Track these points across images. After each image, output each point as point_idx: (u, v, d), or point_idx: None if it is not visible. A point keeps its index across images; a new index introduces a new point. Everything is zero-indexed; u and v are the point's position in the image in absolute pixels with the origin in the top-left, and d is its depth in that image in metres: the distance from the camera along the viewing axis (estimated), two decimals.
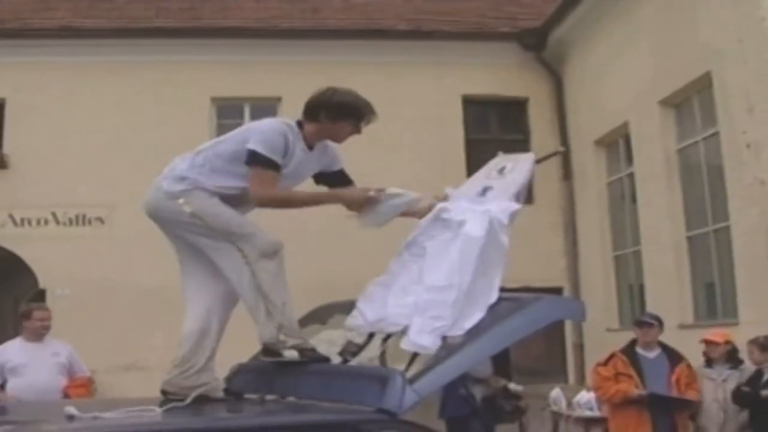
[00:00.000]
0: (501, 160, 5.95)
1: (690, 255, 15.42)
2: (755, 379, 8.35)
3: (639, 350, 8.52)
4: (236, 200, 5.34)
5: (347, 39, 18.71)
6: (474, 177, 5.89)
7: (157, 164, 18.03)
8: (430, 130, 18.53)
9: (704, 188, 15.07)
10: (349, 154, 19.01)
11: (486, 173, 5.83)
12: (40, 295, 16.73)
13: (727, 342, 8.80)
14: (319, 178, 5.58)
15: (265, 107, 18.39)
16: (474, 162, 18.80)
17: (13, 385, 8.25)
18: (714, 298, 14.94)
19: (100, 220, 17.58)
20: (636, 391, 8.19)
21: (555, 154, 8.38)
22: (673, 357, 8.51)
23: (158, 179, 5.44)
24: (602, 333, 17.16)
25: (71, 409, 4.02)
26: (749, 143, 13.13)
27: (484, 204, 5.38)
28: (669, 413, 8.24)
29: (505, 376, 10.21)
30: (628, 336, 9.66)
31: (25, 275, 17.94)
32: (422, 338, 4.81)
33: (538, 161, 5.78)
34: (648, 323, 8.66)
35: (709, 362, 8.77)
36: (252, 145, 5.17)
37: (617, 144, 17.97)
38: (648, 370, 8.37)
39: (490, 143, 19.32)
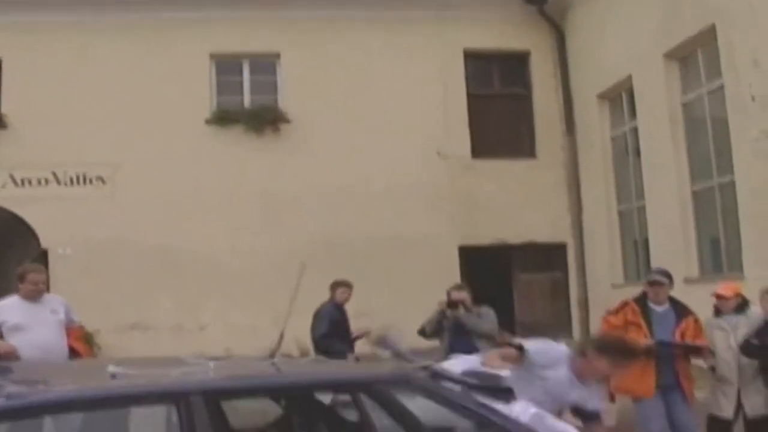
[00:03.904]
0: None
1: (695, 210, 15.36)
2: (763, 330, 8.32)
3: (649, 303, 8.56)
4: None
5: None
6: None
7: (156, 122, 17.83)
8: (431, 84, 18.41)
9: (709, 142, 14.96)
10: (352, 110, 18.75)
11: None
12: (43, 256, 16.70)
13: (737, 295, 8.78)
14: None
15: (264, 63, 18.33)
16: (476, 116, 18.74)
17: (15, 343, 8.37)
18: (719, 253, 14.89)
19: (102, 179, 17.48)
20: (645, 340, 8.23)
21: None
22: (681, 310, 8.60)
23: None
24: (607, 288, 17.15)
25: None
26: (754, 96, 13.02)
27: None
28: (673, 363, 8.36)
29: (510, 332, 10.20)
30: (632, 291, 9.65)
31: (27, 236, 17.89)
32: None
33: None
34: (659, 282, 8.67)
35: (718, 312, 8.77)
36: None
37: (620, 98, 17.82)
38: (656, 322, 8.47)
39: (492, 98, 19.27)
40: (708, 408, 8.77)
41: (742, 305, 8.72)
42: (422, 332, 10.16)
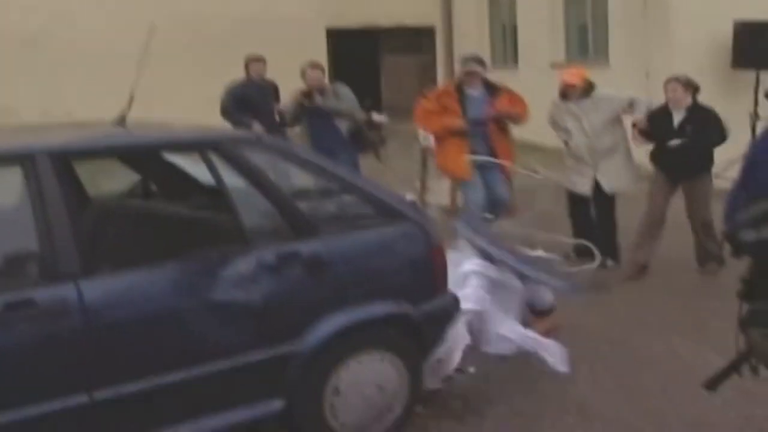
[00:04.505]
0: None
1: None
2: (664, 118, 8.41)
3: (465, 88, 8.78)
4: None
5: None
6: None
7: None
8: None
9: None
10: None
11: None
12: None
13: (584, 80, 8.92)
14: None
15: None
16: None
17: None
18: (586, 40, 15.06)
19: None
20: (459, 122, 8.58)
21: None
22: (494, 91, 8.85)
23: None
24: None
25: None
26: None
27: None
28: (488, 140, 8.71)
29: (372, 109, 10.22)
30: (500, 76, 9.83)
31: None
32: None
33: None
34: (473, 71, 8.82)
35: (564, 96, 8.93)
36: None
37: None
38: (470, 105, 8.72)
39: None
40: (567, 186, 9.03)
41: (588, 89, 8.87)
42: (282, 121, 10.11)
